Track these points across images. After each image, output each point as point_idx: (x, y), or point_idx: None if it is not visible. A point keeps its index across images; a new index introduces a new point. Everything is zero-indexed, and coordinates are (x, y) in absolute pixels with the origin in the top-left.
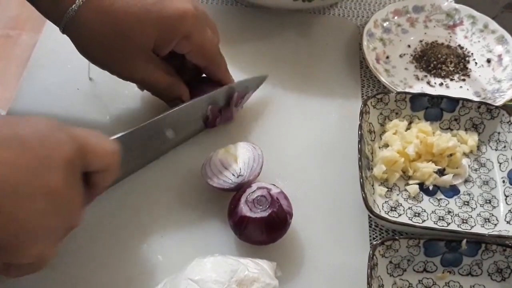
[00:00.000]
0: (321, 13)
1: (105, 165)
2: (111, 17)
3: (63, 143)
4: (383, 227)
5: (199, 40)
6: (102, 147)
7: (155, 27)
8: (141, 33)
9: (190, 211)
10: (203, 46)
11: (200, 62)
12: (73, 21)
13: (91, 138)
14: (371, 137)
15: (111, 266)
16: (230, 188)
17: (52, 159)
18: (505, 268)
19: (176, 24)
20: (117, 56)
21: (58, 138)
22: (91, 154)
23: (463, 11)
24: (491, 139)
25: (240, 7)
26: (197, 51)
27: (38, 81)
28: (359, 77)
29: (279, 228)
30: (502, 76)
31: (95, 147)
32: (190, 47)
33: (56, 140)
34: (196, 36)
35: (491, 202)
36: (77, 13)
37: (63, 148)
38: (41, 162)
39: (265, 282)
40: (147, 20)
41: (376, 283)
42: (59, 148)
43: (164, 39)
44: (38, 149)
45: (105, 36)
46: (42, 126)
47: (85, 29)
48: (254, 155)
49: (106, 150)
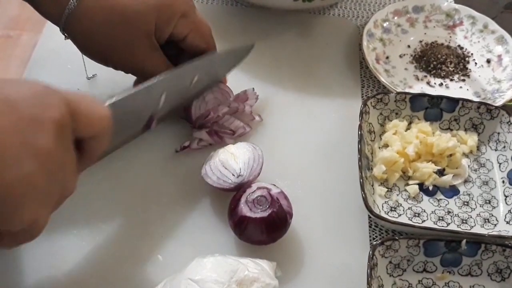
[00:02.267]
0: (321, 13)
1: (97, 130)
2: (109, 6)
3: (54, 105)
4: (383, 227)
5: (195, 19)
6: (94, 112)
7: (154, 9)
8: (141, 17)
9: (190, 211)
10: (200, 24)
11: (199, 43)
12: (72, 17)
13: (84, 103)
14: (371, 137)
15: (111, 266)
16: (230, 188)
17: (41, 120)
18: (505, 268)
19: (173, 3)
20: (119, 46)
21: (49, 100)
22: (83, 118)
23: (463, 12)
24: (491, 140)
25: (240, 7)
26: (196, 30)
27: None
28: (359, 77)
29: (279, 228)
30: (502, 76)
31: (87, 112)
32: (189, 26)
33: (46, 102)
34: (192, 15)
35: (491, 203)
36: (76, 7)
37: (54, 110)
38: (29, 122)
39: (265, 282)
40: (145, 3)
41: (376, 283)
42: (49, 109)
43: (164, 20)
44: (26, 109)
45: (106, 27)
46: (32, 88)
47: (85, 23)
48: (254, 155)
49: (98, 115)
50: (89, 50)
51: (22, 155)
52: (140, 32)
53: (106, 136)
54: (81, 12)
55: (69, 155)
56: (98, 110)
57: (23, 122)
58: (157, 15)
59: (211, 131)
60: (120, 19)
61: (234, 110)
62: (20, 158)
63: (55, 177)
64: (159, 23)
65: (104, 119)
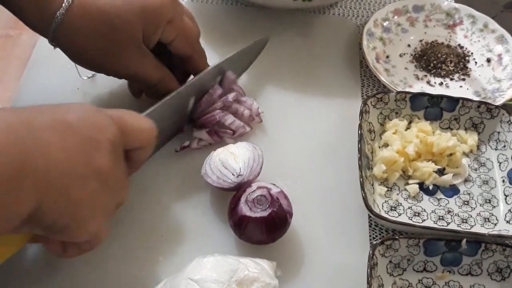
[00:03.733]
0: (321, 13)
1: (144, 142)
2: (97, 14)
3: (106, 125)
4: (383, 226)
5: (181, 24)
6: (140, 125)
7: (141, 16)
8: (128, 26)
9: (190, 211)
10: (186, 30)
11: (184, 49)
12: (61, 27)
13: (128, 118)
14: (371, 137)
15: (111, 266)
16: (230, 187)
17: (98, 140)
18: (505, 268)
19: (159, 10)
20: (109, 55)
21: (101, 121)
22: (130, 133)
23: (463, 11)
24: (491, 139)
25: (240, 7)
26: (181, 36)
27: (38, 81)
28: (359, 76)
29: (279, 227)
30: (502, 75)
31: (133, 127)
32: (175, 32)
33: (99, 123)
34: (178, 21)
35: (491, 202)
36: (64, 18)
37: (107, 130)
38: (89, 144)
39: (265, 282)
40: (132, 11)
41: (376, 282)
42: (104, 130)
43: (151, 26)
44: (85, 131)
45: (95, 35)
46: (84, 110)
47: (73, 34)
48: (254, 155)
49: (144, 128)
50: (79, 59)
51: (87, 174)
52: (128, 41)
53: (151, 145)
54: (68, 24)
55: (122, 168)
56: (143, 124)
57: (84, 143)
58: (144, 23)
59: (211, 130)
60: (107, 29)
61: (234, 111)
62: (85, 177)
63: (113, 191)
64: (146, 31)
65: (150, 131)
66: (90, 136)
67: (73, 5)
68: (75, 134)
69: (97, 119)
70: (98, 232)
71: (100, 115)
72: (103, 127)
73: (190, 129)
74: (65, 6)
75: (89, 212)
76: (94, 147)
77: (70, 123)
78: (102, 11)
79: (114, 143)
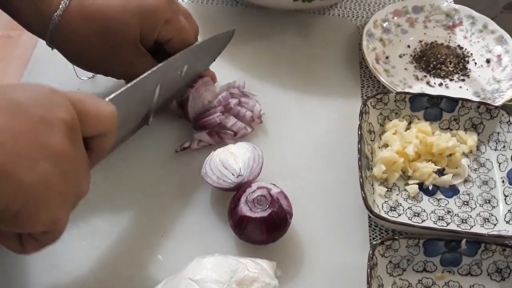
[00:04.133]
0: (321, 14)
1: (105, 128)
2: (94, 16)
3: (62, 105)
4: (383, 227)
5: (178, 24)
6: (100, 109)
7: (138, 17)
8: (125, 26)
9: (190, 211)
10: (183, 30)
11: (181, 49)
12: (58, 29)
13: (89, 102)
14: (371, 137)
15: (112, 266)
16: (230, 188)
17: (51, 120)
18: (505, 268)
19: (156, 10)
20: (107, 56)
21: (56, 101)
22: (90, 117)
23: (462, 12)
24: (491, 139)
25: (240, 7)
26: (178, 36)
27: (39, 81)
28: (359, 77)
29: (279, 228)
30: (502, 76)
31: (94, 110)
32: (172, 32)
33: (54, 102)
34: (175, 21)
35: (491, 202)
36: (62, 19)
37: (62, 110)
38: (39, 123)
39: (265, 282)
40: (129, 11)
41: (376, 282)
42: (58, 110)
43: (148, 27)
44: (35, 111)
45: (93, 36)
46: (37, 90)
47: (71, 36)
48: (254, 155)
49: (105, 113)
50: (77, 61)
51: (36, 155)
52: (126, 41)
53: (114, 132)
54: (66, 25)
55: (81, 154)
56: (104, 107)
57: (34, 123)
58: (141, 23)
59: (211, 132)
60: (104, 30)
61: (235, 113)
62: (34, 159)
63: (70, 177)
64: (143, 31)
65: (111, 115)
66: (41, 115)
67: (70, 7)
68: (24, 113)
69: (50, 99)
70: (55, 221)
71: (55, 95)
72: (57, 107)
73: (190, 130)
74: (62, 7)
75: (42, 196)
76: (46, 127)
77: (19, 101)
78: (99, 12)
79: (71, 126)
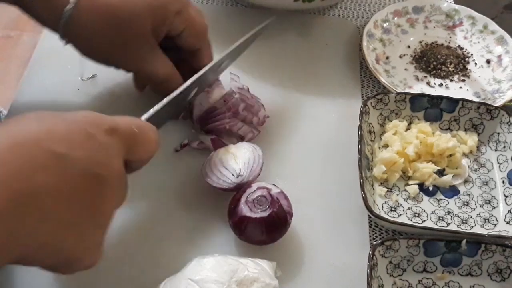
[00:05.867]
0: (321, 14)
1: (148, 158)
2: (106, 8)
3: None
4: (383, 227)
5: (188, 16)
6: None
7: (148, 10)
8: (136, 18)
9: (190, 211)
10: (194, 22)
11: (193, 42)
12: (71, 21)
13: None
14: (371, 138)
15: (111, 266)
16: (230, 188)
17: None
18: (505, 268)
19: (167, 3)
20: (118, 48)
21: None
22: (138, 151)
23: (462, 12)
24: (491, 140)
25: (240, 8)
26: (190, 28)
27: (39, 81)
28: (359, 77)
29: (279, 228)
30: (502, 76)
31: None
32: (183, 24)
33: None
34: (185, 13)
35: (491, 203)
36: (74, 12)
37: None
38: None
39: (265, 282)
40: (140, 3)
41: (376, 283)
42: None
43: (159, 19)
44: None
45: (103, 30)
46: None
47: (83, 28)
48: (254, 155)
49: (152, 146)
50: (89, 53)
51: (88, 226)
52: (137, 33)
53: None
54: (78, 19)
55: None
56: (152, 139)
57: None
58: (152, 15)
59: (215, 139)
60: (116, 22)
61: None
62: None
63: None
64: (155, 23)
65: (156, 147)
66: (94, 174)
67: (81, 0)
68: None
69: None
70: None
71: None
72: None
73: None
74: (73, 0)
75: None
76: (99, 189)
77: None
78: (111, 5)
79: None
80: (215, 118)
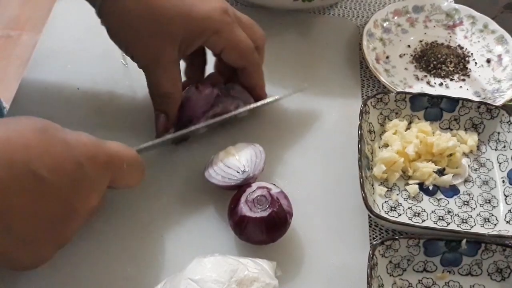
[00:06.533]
0: (321, 13)
1: (131, 187)
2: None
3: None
4: (383, 227)
5: (230, 36)
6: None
7: (183, 19)
8: (169, 22)
9: (190, 211)
10: (237, 42)
11: (235, 61)
12: (107, 2)
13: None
14: (371, 137)
15: (111, 266)
16: (237, 184)
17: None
18: (505, 268)
19: (205, 19)
20: (141, 42)
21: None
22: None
23: (463, 11)
24: (491, 139)
25: (240, 7)
26: (230, 48)
27: (38, 81)
28: (359, 77)
29: (279, 228)
30: (502, 76)
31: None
32: (222, 43)
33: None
34: (227, 32)
35: (491, 202)
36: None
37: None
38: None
39: (265, 282)
40: (177, 12)
41: (376, 283)
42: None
43: (192, 32)
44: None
45: (134, 20)
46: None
47: (118, 10)
48: (255, 151)
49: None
50: (115, 36)
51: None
52: (164, 37)
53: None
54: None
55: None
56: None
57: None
58: (185, 26)
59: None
60: (149, 18)
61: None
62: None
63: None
64: (186, 34)
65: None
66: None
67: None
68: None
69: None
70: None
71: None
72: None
73: None
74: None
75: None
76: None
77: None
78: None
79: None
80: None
